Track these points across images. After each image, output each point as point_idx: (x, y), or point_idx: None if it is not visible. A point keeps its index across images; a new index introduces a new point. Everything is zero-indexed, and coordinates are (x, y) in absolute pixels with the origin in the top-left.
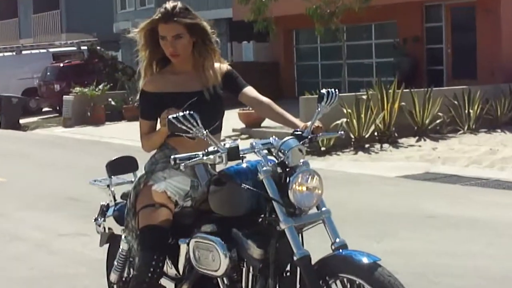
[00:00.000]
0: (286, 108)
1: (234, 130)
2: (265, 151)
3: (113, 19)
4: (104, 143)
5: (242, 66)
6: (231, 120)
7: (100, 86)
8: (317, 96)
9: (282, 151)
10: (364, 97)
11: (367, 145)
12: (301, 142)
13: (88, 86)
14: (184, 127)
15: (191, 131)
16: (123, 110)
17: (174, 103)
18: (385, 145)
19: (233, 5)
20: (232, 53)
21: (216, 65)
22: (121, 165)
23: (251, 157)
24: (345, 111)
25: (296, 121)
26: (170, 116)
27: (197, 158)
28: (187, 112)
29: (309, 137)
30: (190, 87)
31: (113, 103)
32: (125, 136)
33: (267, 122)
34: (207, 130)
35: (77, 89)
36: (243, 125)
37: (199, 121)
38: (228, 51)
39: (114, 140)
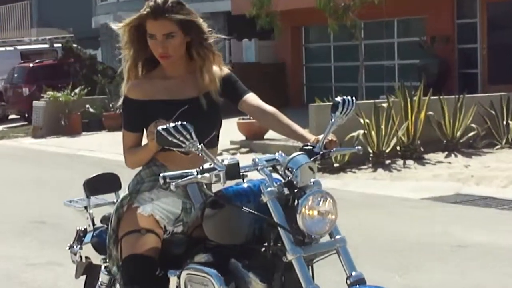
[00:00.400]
0: (293, 118)
1: (232, 143)
2: (270, 169)
3: (92, 12)
4: (81, 157)
5: (242, 67)
6: (229, 131)
7: (76, 90)
8: (330, 104)
9: (289, 169)
10: (385, 105)
11: (387, 162)
12: (311, 159)
13: (62, 90)
14: (175, 140)
15: (183, 145)
16: (103, 118)
17: (164, 113)
18: (409, 162)
19: None
20: (231, 53)
21: (215, 68)
22: (101, 184)
23: (253, 176)
24: (362, 121)
25: (306, 133)
26: (159, 127)
27: (190, 177)
28: (179, 122)
29: (321, 152)
30: (183, 94)
31: (91, 110)
32: (105, 148)
33: (271, 134)
34: (202, 144)
35: (49, 93)
36: (243, 137)
37: (193, 133)
38: (226, 51)
39: (93, 154)
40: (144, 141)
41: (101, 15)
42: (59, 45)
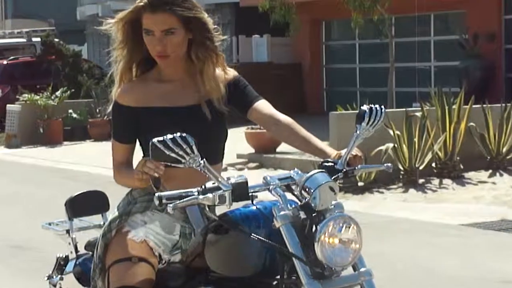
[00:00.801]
0: (311, 129)
1: (239, 156)
2: (284, 189)
3: (76, 1)
4: (62, 171)
5: (252, 68)
6: (236, 142)
7: (58, 93)
8: (354, 113)
9: (306, 189)
10: (418, 114)
11: (421, 180)
12: (332, 178)
13: (40, 92)
14: (173, 155)
15: (183, 160)
16: (88, 125)
17: (159, 122)
18: (446, 181)
19: None
20: (239, 51)
21: (219, 71)
22: (85, 204)
23: (264, 197)
24: (392, 133)
25: (326, 148)
26: (155, 140)
27: (190, 197)
28: (178, 134)
29: (344, 170)
30: (182, 101)
31: (74, 115)
32: (91, 161)
33: (284, 147)
34: (204, 159)
35: (26, 96)
36: (252, 150)
37: (194, 147)
38: (234, 48)
39: (76, 167)
40: (137, 154)
41: (88, 5)
42: (38, 39)
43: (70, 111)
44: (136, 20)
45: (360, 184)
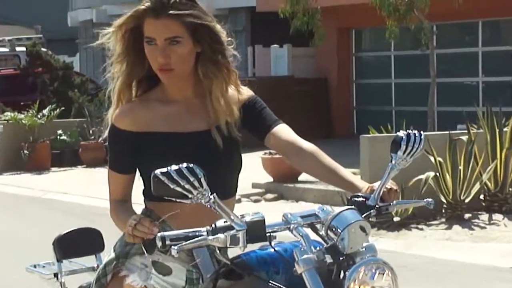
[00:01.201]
0: (338, 154)
1: (255, 186)
2: (307, 228)
3: (67, 5)
4: (50, 202)
5: (270, 84)
6: (251, 169)
7: (45, 111)
8: (388, 136)
9: (333, 229)
10: (464, 138)
11: (467, 215)
12: (364, 215)
13: (25, 110)
14: (179, 189)
15: (190, 195)
16: (79, 149)
17: (162, 150)
18: (497, 216)
19: None
20: (254, 64)
21: (232, 91)
22: (76, 243)
23: (284, 237)
24: (433, 160)
25: (356, 180)
26: (157, 171)
27: (198, 238)
28: (185, 164)
29: (377, 206)
30: (190, 125)
31: (64, 137)
32: (83, 190)
33: (306, 176)
34: (214, 194)
35: (8, 114)
36: (269, 178)
37: (203, 179)
38: (249, 60)
39: (66, 197)
40: (137, 185)
41: (80, 10)
42: (23, 48)
43: (59, 132)
44: (138, 28)
45: (396, 219)
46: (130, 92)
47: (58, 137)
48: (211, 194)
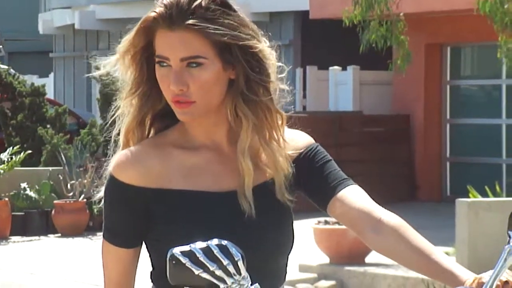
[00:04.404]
0: (424, 226)
1: (303, 269)
2: None
3: (38, 4)
4: None
5: (327, 122)
6: (298, 244)
7: (4, 155)
8: (499, 201)
9: None
10: None
11: None
12: None
13: None
14: (207, 276)
15: (222, 286)
16: (53, 211)
17: (182, 215)
18: None
19: None
20: (305, 93)
21: (290, 134)
22: None
23: None
24: None
25: (458, 269)
26: (176, 250)
27: None
28: (216, 241)
29: None
30: (220, 182)
31: (31, 193)
32: (56, 272)
33: (377, 255)
34: (257, 285)
35: None
36: (325, 258)
37: (241, 263)
38: (297, 87)
39: (31, 282)
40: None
41: (57, 11)
42: None
43: (24, 185)
44: (151, 46)
45: None
46: (142, 132)
47: (22, 192)
48: (251, 284)
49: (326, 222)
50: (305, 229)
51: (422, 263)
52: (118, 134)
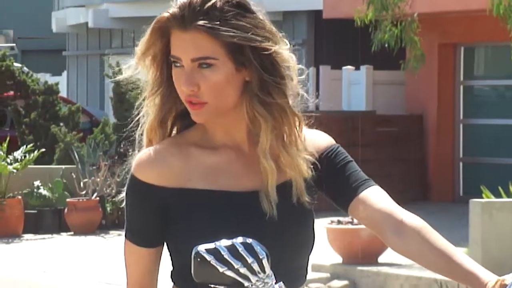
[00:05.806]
0: (439, 226)
1: (316, 269)
2: None
3: (51, 3)
4: (20, 286)
5: (341, 122)
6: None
7: (17, 153)
8: (511, 201)
9: None
10: None
11: None
12: None
13: None
14: (232, 274)
15: (247, 284)
16: (65, 209)
17: (204, 215)
18: None
19: None
20: (318, 92)
21: (309, 134)
22: None
23: None
24: None
25: (480, 270)
26: (202, 248)
27: None
28: (240, 239)
29: None
30: (242, 181)
31: (44, 191)
32: (70, 270)
33: (391, 253)
34: (281, 283)
35: None
36: (338, 258)
37: (266, 261)
38: (310, 87)
39: (43, 280)
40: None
41: (70, 9)
42: None
43: (37, 183)
44: (168, 46)
45: None
46: (163, 132)
47: (35, 190)
48: (275, 283)
49: (339, 222)
50: (318, 229)
51: (444, 265)
52: (142, 134)
